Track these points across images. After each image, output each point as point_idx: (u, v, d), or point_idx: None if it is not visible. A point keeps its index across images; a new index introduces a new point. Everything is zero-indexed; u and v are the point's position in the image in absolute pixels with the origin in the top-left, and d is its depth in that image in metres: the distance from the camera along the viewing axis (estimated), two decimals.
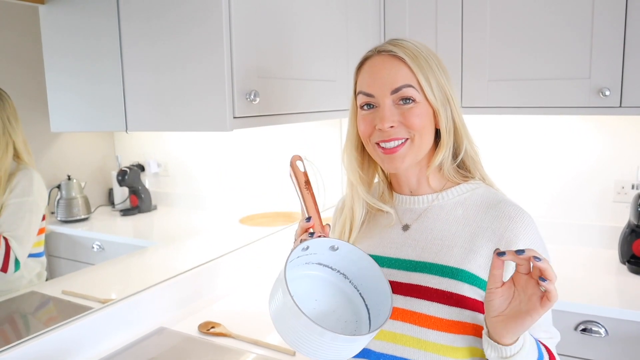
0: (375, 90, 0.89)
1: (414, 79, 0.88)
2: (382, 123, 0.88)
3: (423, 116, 0.88)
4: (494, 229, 0.88)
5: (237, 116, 1.13)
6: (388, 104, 0.88)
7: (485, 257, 0.86)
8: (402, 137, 0.88)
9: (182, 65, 1.15)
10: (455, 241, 0.89)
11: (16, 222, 1.17)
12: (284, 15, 1.30)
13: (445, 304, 0.83)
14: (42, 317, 1.23)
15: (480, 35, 1.77)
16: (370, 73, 0.91)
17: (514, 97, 1.75)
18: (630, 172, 1.93)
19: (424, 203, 0.95)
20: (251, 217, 1.94)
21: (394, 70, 0.88)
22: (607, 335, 1.50)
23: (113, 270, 1.44)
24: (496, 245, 0.86)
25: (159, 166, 1.58)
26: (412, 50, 0.89)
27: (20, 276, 1.21)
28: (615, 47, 1.59)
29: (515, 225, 0.87)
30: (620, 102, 1.60)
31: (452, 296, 0.84)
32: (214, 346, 1.29)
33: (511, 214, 0.89)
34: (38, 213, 1.22)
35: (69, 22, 1.25)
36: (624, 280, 1.68)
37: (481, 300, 0.84)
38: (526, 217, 0.89)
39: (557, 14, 1.66)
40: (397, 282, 0.88)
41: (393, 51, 0.89)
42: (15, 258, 1.16)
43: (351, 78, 1.63)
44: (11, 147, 1.16)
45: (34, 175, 1.20)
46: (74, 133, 1.34)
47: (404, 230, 0.94)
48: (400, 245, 0.92)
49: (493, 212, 0.90)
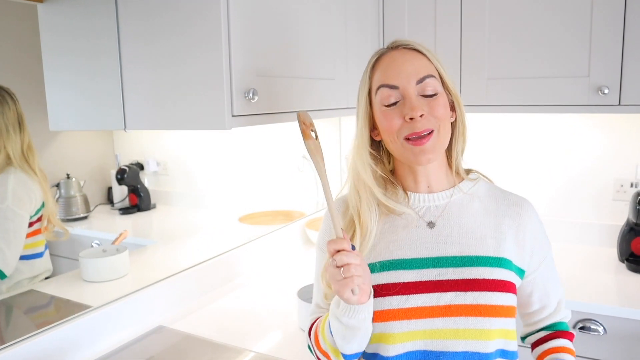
0: (400, 81, 0.90)
1: (435, 70, 0.92)
2: (413, 111, 0.88)
3: (446, 107, 0.92)
4: (510, 215, 0.94)
5: (235, 114, 1.13)
6: (414, 95, 0.90)
7: (512, 242, 0.92)
8: (430, 127, 0.89)
9: (181, 64, 1.15)
10: (484, 232, 0.92)
11: None
12: (283, 13, 1.30)
13: (502, 292, 0.87)
14: (41, 315, 1.23)
15: (479, 34, 1.77)
16: (392, 66, 0.92)
17: (513, 95, 1.75)
18: (629, 170, 1.94)
19: (443, 199, 0.95)
20: (251, 216, 1.94)
21: (416, 61, 0.91)
22: (605, 333, 1.50)
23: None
24: (516, 230, 0.93)
25: (158, 165, 1.58)
26: (424, 46, 0.94)
27: (21, 277, 1.21)
28: (615, 46, 1.59)
29: (525, 210, 0.95)
30: (619, 100, 1.60)
31: (504, 284, 0.88)
32: (213, 345, 1.29)
33: (518, 201, 0.96)
34: (16, 219, 1.17)
35: (67, 21, 1.25)
36: (623, 279, 1.68)
37: (515, 284, 0.91)
38: (527, 201, 0.97)
39: (556, 13, 1.66)
40: (453, 280, 0.87)
41: (411, 45, 0.93)
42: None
43: (350, 76, 1.64)
44: (3, 154, 1.13)
45: (10, 178, 1.15)
46: (73, 132, 1.34)
47: (430, 227, 0.93)
48: (434, 243, 0.91)
49: (504, 201, 0.96)
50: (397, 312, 0.86)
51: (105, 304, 1.32)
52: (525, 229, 0.94)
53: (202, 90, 1.13)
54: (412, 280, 0.87)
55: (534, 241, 0.95)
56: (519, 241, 0.93)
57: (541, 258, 0.96)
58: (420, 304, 0.86)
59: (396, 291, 0.87)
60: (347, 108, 1.63)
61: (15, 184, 1.16)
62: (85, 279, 1.35)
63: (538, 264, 0.96)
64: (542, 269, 0.97)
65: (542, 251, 0.97)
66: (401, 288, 0.87)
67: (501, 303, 0.87)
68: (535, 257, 0.95)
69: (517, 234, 0.93)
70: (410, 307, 0.86)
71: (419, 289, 0.87)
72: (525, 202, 0.97)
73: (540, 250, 0.96)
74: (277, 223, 2.03)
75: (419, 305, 0.86)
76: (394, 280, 0.88)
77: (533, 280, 0.97)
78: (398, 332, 0.85)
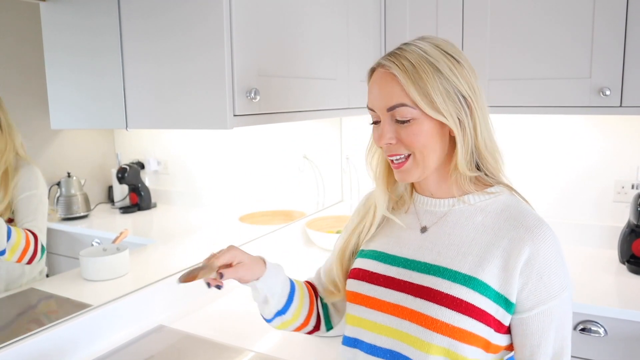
0: (375, 105, 0.90)
1: (407, 97, 0.85)
2: (378, 140, 0.90)
3: (422, 133, 0.86)
4: (512, 238, 0.85)
5: (237, 114, 1.13)
6: (387, 121, 0.88)
7: (498, 266, 0.84)
8: (401, 153, 0.89)
9: (183, 62, 1.14)
10: (471, 248, 0.87)
11: (32, 213, 1.21)
12: (285, 13, 1.30)
13: (454, 310, 0.82)
14: (41, 314, 1.23)
15: (481, 35, 1.77)
16: (371, 89, 0.91)
17: (515, 96, 1.75)
18: (630, 171, 1.93)
19: (445, 207, 0.94)
20: (251, 215, 1.94)
21: (387, 88, 0.87)
22: (606, 335, 1.50)
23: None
24: (509, 255, 0.84)
25: (158, 164, 1.57)
26: (411, 62, 0.85)
27: (22, 273, 1.21)
28: (616, 47, 1.59)
29: (532, 237, 0.84)
30: (620, 101, 1.60)
31: (461, 303, 0.83)
32: (213, 344, 1.29)
33: (530, 224, 0.86)
34: (45, 205, 1.26)
35: (69, 20, 1.25)
36: (624, 280, 1.68)
37: (489, 312, 0.83)
38: (546, 230, 0.85)
39: (558, 14, 1.66)
40: (410, 283, 0.89)
41: (387, 66, 0.87)
42: (42, 246, 1.22)
43: (351, 76, 1.65)
44: (11, 145, 1.17)
45: (35, 170, 1.22)
46: (74, 130, 1.34)
47: (422, 232, 0.94)
48: (418, 247, 0.92)
49: (512, 222, 0.87)
50: (359, 296, 0.94)
51: (105, 302, 1.32)
52: (521, 256, 0.83)
53: (203, 90, 1.13)
54: (379, 273, 0.93)
55: (532, 274, 0.83)
56: (509, 268, 0.83)
57: (540, 301, 0.83)
58: (376, 295, 0.91)
59: (364, 278, 0.94)
60: (349, 108, 1.63)
61: (40, 174, 1.24)
62: (85, 277, 1.35)
63: (533, 306, 0.84)
64: (540, 317, 0.84)
65: (545, 294, 0.83)
66: (368, 276, 0.94)
67: (449, 321, 0.82)
68: (531, 296, 0.83)
69: (508, 259, 0.84)
70: (368, 295, 0.92)
71: (379, 281, 0.92)
72: (539, 229, 0.85)
73: (543, 291, 0.83)
74: (278, 223, 2.03)
75: (374, 296, 0.91)
76: (366, 268, 0.95)
77: (525, 322, 0.85)
78: (353, 313, 0.94)
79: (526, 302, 0.84)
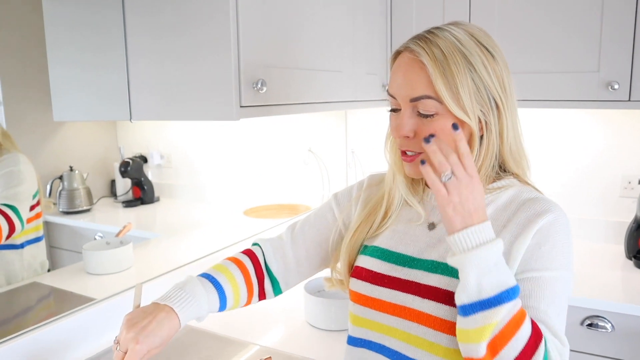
0: (397, 93, 0.83)
1: (433, 90, 0.78)
2: (396, 131, 0.83)
3: (445, 131, 0.79)
4: (517, 221, 0.81)
5: (243, 105, 1.11)
6: (407, 112, 0.82)
7: (506, 254, 0.78)
8: (417, 150, 0.82)
9: (189, 53, 1.13)
10: None
11: (9, 186, 1.17)
12: (292, 4, 1.28)
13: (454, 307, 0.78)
14: (43, 308, 1.22)
15: (488, 28, 1.74)
16: (394, 74, 0.84)
17: (522, 90, 1.73)
18: (636, 166, 1.92)
19: None
20: (255, 209, 1.93)
21: (413, 76, 0.80)
22: (613, 330, 1.49)
23: None
24: (515, 239, 0.79)
25: (162, 157, 1.56)
26: (442, 50, 0.78)
27: (22, 267, 1.20)
28: (625, 41, 1.57)
29: (540, 219, 0.79)
30: (629, 95, 1.59)
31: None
32: (216, 338, 1.28)
33: (539, 209, 0.81)
34: (28, 183, 1.21)
35: (72, 13, 1.23)
36: (630, 276, 1.67)
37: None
38: (558, 214, 0.81)
39: (566, 7, 1.64)
40: (416, 283, 0.84)
41: (416, 52, 0.80)
42: (19, 217, 1.18)
43: (357, 69, 1.63)
44: None
45: (19, 155, 1.18)
46: (77, 123, 1.32)
47: (430, 229, 0.89)
48: (425, 245, 0.88)
49: (521, 207, 0.83)
50: (363, 297, 0.89)
51: (108, 296, 1.31)
52: (527, 238, 0.78)
53: (210, 81, 1.11)
54: (384, 273, 0.88)
55: (533, 242, 0.79)
56: (513, 254, 0.79)
57: (532, 268, 0.78)
58: (381, 296, 0.87)
59: (367, 278, 0.89)
60: (354, 101, 1.61)
61: (25, 160, 1.19)
62: (88, 271, 1.34)
63: (524, 269, 0.78)
64: (527, 283, 0.77)
65: (539, 262, 0.78)
66: (372, 277, 0.89)
67: (446, 317, 0.79)
68: (524, 261, 0.78)
69: (512, 245, 0.79)
70: (372, 296, 0.88)
71: (384, 282, 0.87)
72: (550, 213, 0.80)
73: (539, 259, 0.78)
74: (282, 217, 2.01)
75: (379, 298, 0.87)
76: (370, 268, 0.90)
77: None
78: (357, 314, 0.90)
79: (520, 265, 0.78)
